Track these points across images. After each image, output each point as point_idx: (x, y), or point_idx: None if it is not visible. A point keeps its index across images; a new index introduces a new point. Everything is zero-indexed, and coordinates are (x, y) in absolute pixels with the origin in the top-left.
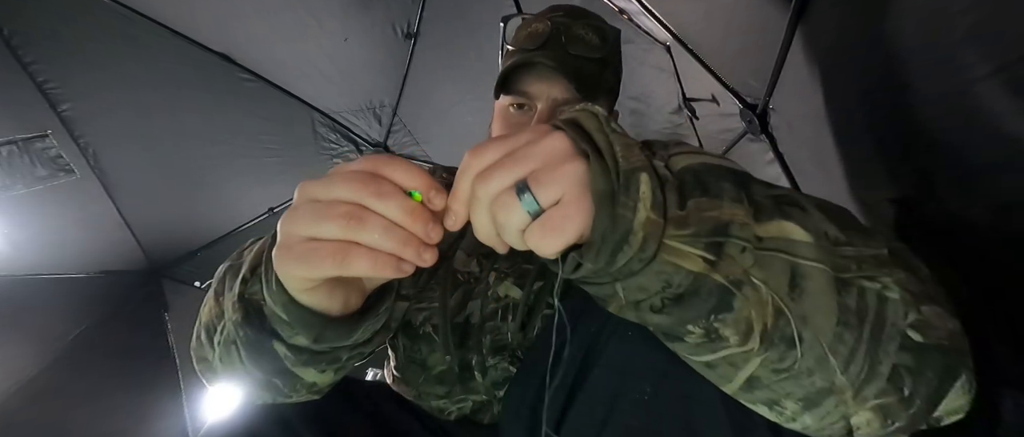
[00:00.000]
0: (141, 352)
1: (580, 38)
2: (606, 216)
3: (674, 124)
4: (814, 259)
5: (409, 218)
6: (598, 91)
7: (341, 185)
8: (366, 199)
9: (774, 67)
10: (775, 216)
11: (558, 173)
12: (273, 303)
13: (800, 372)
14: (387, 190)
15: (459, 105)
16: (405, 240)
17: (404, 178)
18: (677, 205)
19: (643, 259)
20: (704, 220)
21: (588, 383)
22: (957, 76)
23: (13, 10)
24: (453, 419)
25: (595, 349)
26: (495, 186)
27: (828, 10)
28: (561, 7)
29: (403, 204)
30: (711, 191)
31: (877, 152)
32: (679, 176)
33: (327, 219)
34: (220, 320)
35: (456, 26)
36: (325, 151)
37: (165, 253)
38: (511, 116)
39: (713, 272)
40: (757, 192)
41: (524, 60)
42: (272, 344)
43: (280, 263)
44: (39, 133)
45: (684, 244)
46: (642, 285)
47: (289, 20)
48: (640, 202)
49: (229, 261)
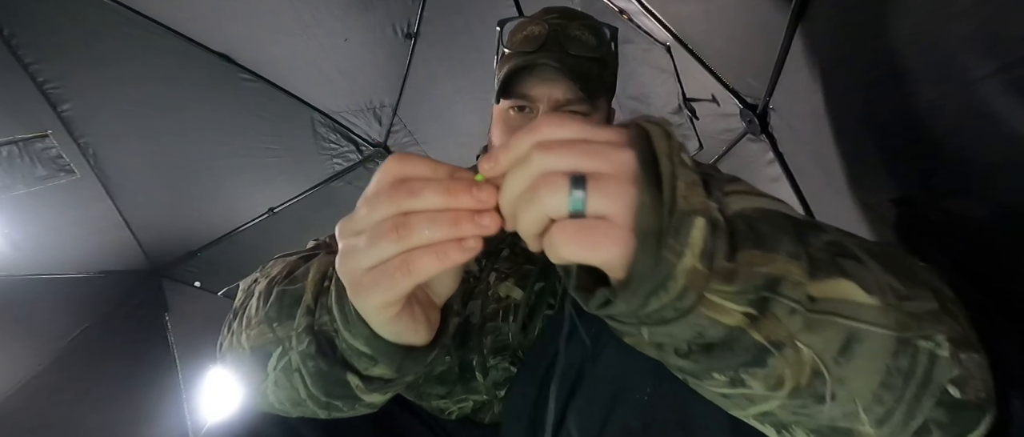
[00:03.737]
0: (141, 352)
1: (577, 39)
2: (649, 256)
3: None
4: (876, 323)
5: (449, 197)
6: (599, 90)
7: (374, 206)
8: (403, 204)
9: (774, 67)
10: (833, 273)
11: (622, 190)
12: (352, 338)
13: (822, 417)
14: (416, 186)
15: (459, 105)
16: (455, 219)
17: (426, 168)
18: (726, 255)
19: (678, 309)
20: (753, 276)
21: (587, 384)
22: (957, 76)
23: (13, 10)
24: (454, 419)
25: (595, 350)
26: (553, 162)
27: (828, 10)
28: (554, 9)
29: (436, 188)
30: (766, 244)
31: (877, 152)
32: (732, 222)
33: (377, 242)
34: (277, 347)
35: (456, 26)
36: (325, 151)
37: (165, 253)
38: (511, 119)
39: (753, 330)
40: (814, 244)
41: (526, 62)
42: (345, 375)
43: (358, 301)
44: (39, 133)
45: (727, 300)
46: (671, 332)
47: (289, 20)
48: (688, 248)
49: (264, 280)
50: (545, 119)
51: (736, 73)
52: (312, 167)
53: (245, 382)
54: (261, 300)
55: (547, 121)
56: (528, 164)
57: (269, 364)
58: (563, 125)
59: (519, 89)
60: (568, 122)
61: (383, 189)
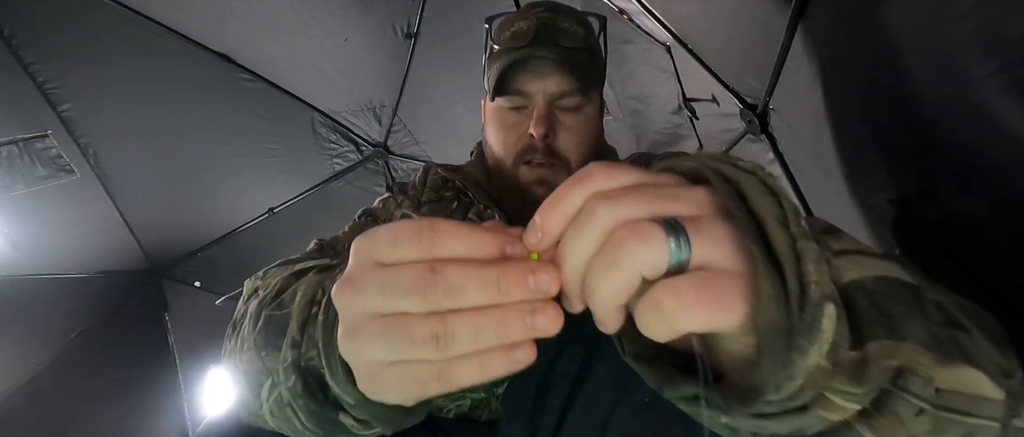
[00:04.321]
0: (141, 352)
1: (566, 30)
2: (775, 361)
3: (674, 124)
4: (994, 418)
5: (500, 293)
6: (593, 82)
7: (401, 295)
8: (440, 302)
9: (774, 67)
10: (956, 358)
11: (721, 231)
12: (342, 394)
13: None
14: (456, 279)
15: (459, 105)
16: (503, 322)
17: (467, 246)
18: (849, 341)
19: (786, 407)
20: (884, 371)
21: (588, 385)
22: (957, 76)
23: (13, 10)
24: (452, 416)
25: (596, 350)
26: (628, 209)
27: (828, 10)
28: (539, 3)
29: (483, 283)
30: (896, 329)
31: (877, 152)
32: (850, 296)
33: (408, 344)
34: (267, 378)
35: (456, 26)
36: (325, 151)
37: (165, 253)
38: (507, 117)
39: (865, 428)
40: (933, 317)
41: (520, 57)
42: (337, 416)
43: (370, 391)
44: (39, 133)
45: (848, 400)
46: (764, 426)
47: (289, 20)
48: (815, 345)
49: (260, 295)
50: (593, 168)
51: (736, 73)
52: (312, 167)
53: (244, 406)
54: (251, 322)
55: (597, 169)
56: (593, 219)
57: (262, 394)
58: (615, 170)
59: (513, 85)
60: (619, 168)
61: (413, 272)
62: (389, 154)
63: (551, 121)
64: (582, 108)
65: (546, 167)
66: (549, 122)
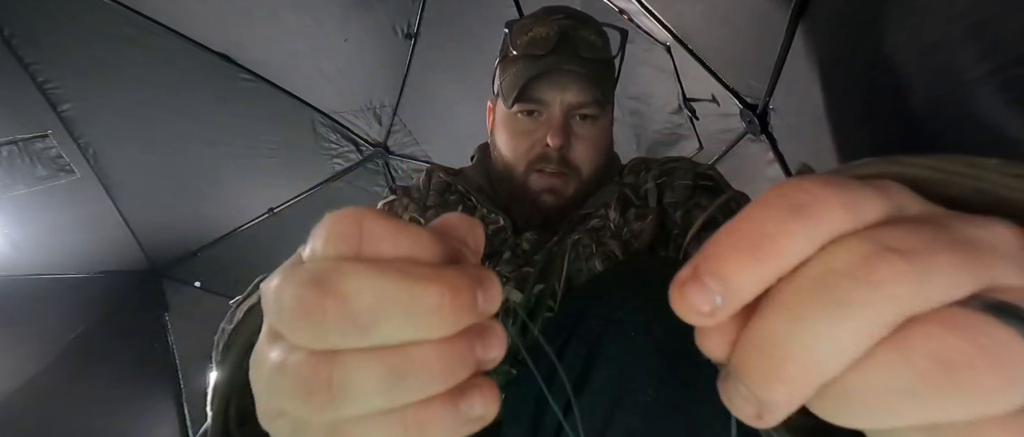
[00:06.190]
0: (141, 352)
1: (586, 40)
2: None
3: (674, 124)
4: None
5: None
6: (610, 95)
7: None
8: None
9: (774, 67)
10: None
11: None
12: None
13: None
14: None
15: (459, 105)
16: (442, 372)
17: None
18: None
19: None
20: None
21: (590, 384)
22: (955, 76)
23: (13, 10)
24: None
25: (597, 350)
26: (945, 287)
27: (828, 10)
28: (557, 9)
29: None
30: None
31: (877, 152)
32: None
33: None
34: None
35: (456, 26)
36: (325, 151)
37: (165, 253)
38: (521, 123)
39: None
40: None
41: (545, 68)
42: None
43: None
44: (39, 133)
45: None
46: None
47: (289, 20)
48: None
49: (228, 324)
50: (819, 190)
51: (736, 73)
52: (312, 167)
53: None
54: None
55: (825, 192)
56: (877, 297)
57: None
58: (854, 196)
59: (532, 93)
60: (857, 191)
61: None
62: (389, 154)
63: (567, 131)
64: (598, 119)
65: (558, 176)
66: (566, 132)
